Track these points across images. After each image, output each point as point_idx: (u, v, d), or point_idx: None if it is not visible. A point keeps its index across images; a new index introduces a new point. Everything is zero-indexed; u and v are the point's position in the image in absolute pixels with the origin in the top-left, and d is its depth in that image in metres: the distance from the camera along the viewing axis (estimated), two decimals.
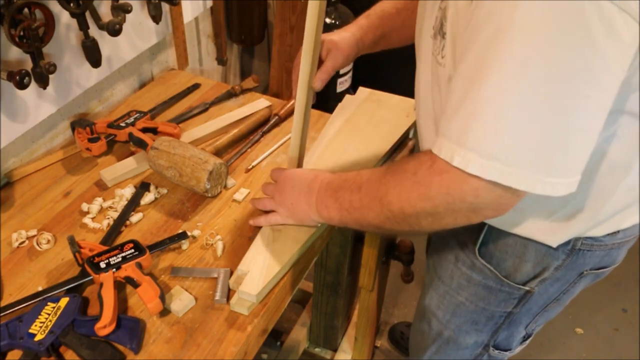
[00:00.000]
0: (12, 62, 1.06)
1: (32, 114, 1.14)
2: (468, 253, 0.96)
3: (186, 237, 1.00)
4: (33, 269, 0.96)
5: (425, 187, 0.69)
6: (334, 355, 1.72)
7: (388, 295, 1.98)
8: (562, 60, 0.57)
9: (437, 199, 0.68)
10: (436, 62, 0.80)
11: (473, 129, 0.63)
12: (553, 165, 0.62)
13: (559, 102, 0.59)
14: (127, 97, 1.42)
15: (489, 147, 0.62)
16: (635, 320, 2.03)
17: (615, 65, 0.59)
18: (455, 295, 1.03)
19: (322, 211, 0.86)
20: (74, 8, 1.08)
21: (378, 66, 1.97)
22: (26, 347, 0.81)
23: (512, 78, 0.59)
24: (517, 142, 0.61)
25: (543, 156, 0.62)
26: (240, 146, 1.25)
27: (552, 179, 0.62)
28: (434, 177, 0.67)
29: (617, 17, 0.55)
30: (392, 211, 0.73)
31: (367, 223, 0.79)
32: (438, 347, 1.15)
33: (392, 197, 0.73)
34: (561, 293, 0.96)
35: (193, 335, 0.86)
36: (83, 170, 1.17)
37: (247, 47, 2.06)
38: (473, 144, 0.63)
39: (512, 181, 0.62)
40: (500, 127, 0.61)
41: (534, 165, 0.62)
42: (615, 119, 0.70)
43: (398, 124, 1.23)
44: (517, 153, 0.62)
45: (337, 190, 0.82)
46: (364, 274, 1.38)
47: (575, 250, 0.88)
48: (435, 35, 0.80)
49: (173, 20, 1.46)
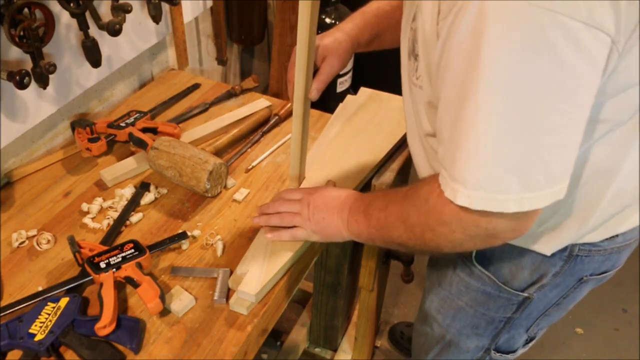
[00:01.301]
0: (12, 62, 1.06)
1: (32, 114, 1.14)
2: (466, 260, 0.96)
3: (186, 237, 1.00)
4: (33, 269, 0.96)
5: (438, 214, 0.70)
6: (334, 355, 1.72)
7: (388, 295, 1.98)
8: (533, 82, 0.57)
9: (453, 224, 0.69)
10: (412, 82, 0.81)
11: (457, 160, 0.64)
12: (537, 180, 0.63)
13: (534, 123, 0.59)
14: (127, 97, 1.42)
15: (472, 177, 0.63)
16: (635, 320, 2.03)
17: (588, 79, 0.59)
18: (455, 300, 1.03)
19: (352, 225, 0.86)
20: (74, 8, 1.08)
21: (379, 66, 1.97)
22: (26, 347, 0.81)
23: (486, 106, 0.60)
24: (497, 169, 0.62)
25: (525, 175, 0.62)
26: (240, 146, 1.25)
27: (537, 192, 0.63)
28: (445, 207, 0.69)
29: (584, 33, 0.55)
30: (415, 233, 0.75)
31: (392, 241, 0.81)
32: (440, 349, 1.15)
33: (414, 220, 0.75)
34: (561, 298, 0.95)
35: (193, 335, 0.86)
36: (83, 170, 1.17)
37: (247, 47, 2.06)
38: (459, 175, 0.64)
39: (500, 207, 0.64)
40: (479, 156, 0.62)
41: (518, 185, 0.62)
42: (593, 128, 0.70)
43: (399, 124, 1.23)
44: (498, 179, 0.63)
45: (367, 206, 0.84)
46: (364, 274, 1.38)
47: (573, 256, 0.87)
48: (409, 56, 0.80)
49: (173, 20, 1.46)
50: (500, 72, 0.58)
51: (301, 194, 0.94)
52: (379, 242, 0.84)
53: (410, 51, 0.79)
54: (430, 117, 0.80)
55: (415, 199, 0.75)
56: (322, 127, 1.29)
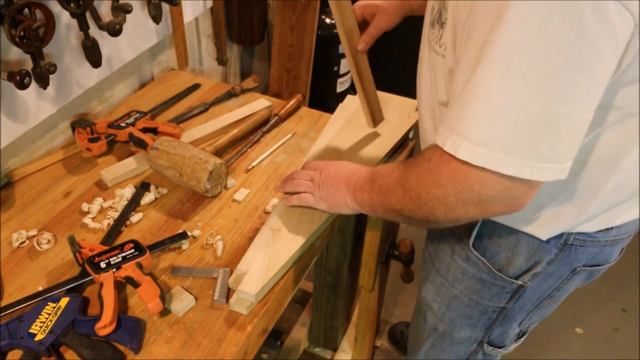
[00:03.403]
0: (13, 62, 1.06)
1: (33, 114, 1.14)
2: (463, 246, 0.97)
3: (186, 237, 1.00)
4: (33, 269, 0.96)
5: (436, 174, 0.71)
6: (334, 355, 1.72)
7: (388, 295, 1.99)
8: (552, 46, 0.58)
9: (447, 186, 0.70)
10: (432, 50, 0.82)
11: (464, 115, 0.64)
12: (541, 151, 0.63)
13: (547, 88, 0.60)
14: (127, 97, 1.42)
15: (478, 133, 0.63)
16: (635, 320, 2.04)
17: (607, 55, 0.59)
18: (450, 288, 1.04)
19: (357, 193, 0.88)
20: (74, 8, 1.08)
21: (379, 66, 1.97)
22: (26, 346, 0.81)
23: (501, 63, 0.60)
24: (504, 127, 0.62)
25: (531, 141, 0.62)
26: (240, 146, 1.25)
27: (540, 164, 0.63)
28: (444, 165, 0.69)
29: (611, 7, 0.56)
30: (411, 197, 0.76)
31: (390, 207, 0.81)
32: (433, 341, 1.16)
33: (412, 183, 0.75)
34: (554, 290, 0.96)
35: (193, 335, 0.86)
36: (83, 170, 1.17)
37: (247, 47, 2.06)
38: (463, 130, 0.64)
39: (501, 167, 0.64)
40: (489, 113, 0.62)
41: (522, 150, 0.63)
42: (605, 114, 0.70)
43: (399, 125, 1.23)
44: (505, 139, 0.63)
45: (375, 174, 0.86)
46: (364, 274, 1.38)
47: (568, 245, 0.88)
48: (433, 24, 0.81)
49: (173, 20, 1.47)
50: (522, 30, 0.58)
51: (318, 164, 0.97)
52: (380, 210, 0.85)
53: (436, 19, 0.80)
54: (448, 85, 0.81)
55: (418, 159, 0.76)
56: (322, 127, 1.29)
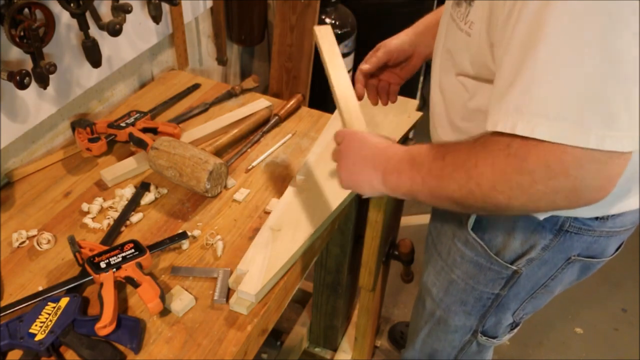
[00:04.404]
0: (13, 62, 1.06)
1: (33, 114, 1.14)
2: (463, 229, 0.98)
3: (186, 237, 1.00)
4: (33, 269, 0.96)
5: (521, 160, 0.63)
6: (334, 355, 1.72)
7: (388, 295, 1.98)
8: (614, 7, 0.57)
9: (536, 173, 0.62)
10: (456, 27, 0.80)
11: (535, 94, 0.60)
12: (619, 119, 0.59)
13: (616, 51, 0.58)
14: (127, 97, 1.42)
15: (555, 107, 0.59)
16: (635, 320, 2.04)
17: None
18: (449, 272, 1.05)
19: (391, 176, 0.78)
20: (74, 8, 1.08)
21: None
22: (26, 346, 0.81)
23: (566, 35, 0.58)
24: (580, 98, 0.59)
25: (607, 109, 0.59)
26: (240, 146, 1.25)
27: (619, 132, 0.59)
28: (530, 151, 0.62)
29: None
30: (480, 185, 0.67)
31: (445, 195, 0.72)
32: (430, 329, 1.18)
33: (484, 169, 0.66)
34: (549, 279, 0.97)
35: (193, 335, 0.86)
36: (83, 170, 1.17)
37: (247, 47, 2.06)
38: (537, 108, 0.60)
39: (582, 141, 0.59)
40: (562, 84, 0.59)
41: (599, 121, 0.59)
42: None
43: (399, 125, 1.23)
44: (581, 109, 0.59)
45: (416, 156, 0.76)
46: (364, 274, 1.38)
47: (563, 231, 0.88)
48: (459, 2, 0.79)
49: (173, 20, 1.47)
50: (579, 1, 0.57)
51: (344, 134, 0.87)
52: (425, 196, 0.75)
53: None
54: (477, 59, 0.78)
55: (492, 144, 0.66)
56: (322, 127, 1.29)
